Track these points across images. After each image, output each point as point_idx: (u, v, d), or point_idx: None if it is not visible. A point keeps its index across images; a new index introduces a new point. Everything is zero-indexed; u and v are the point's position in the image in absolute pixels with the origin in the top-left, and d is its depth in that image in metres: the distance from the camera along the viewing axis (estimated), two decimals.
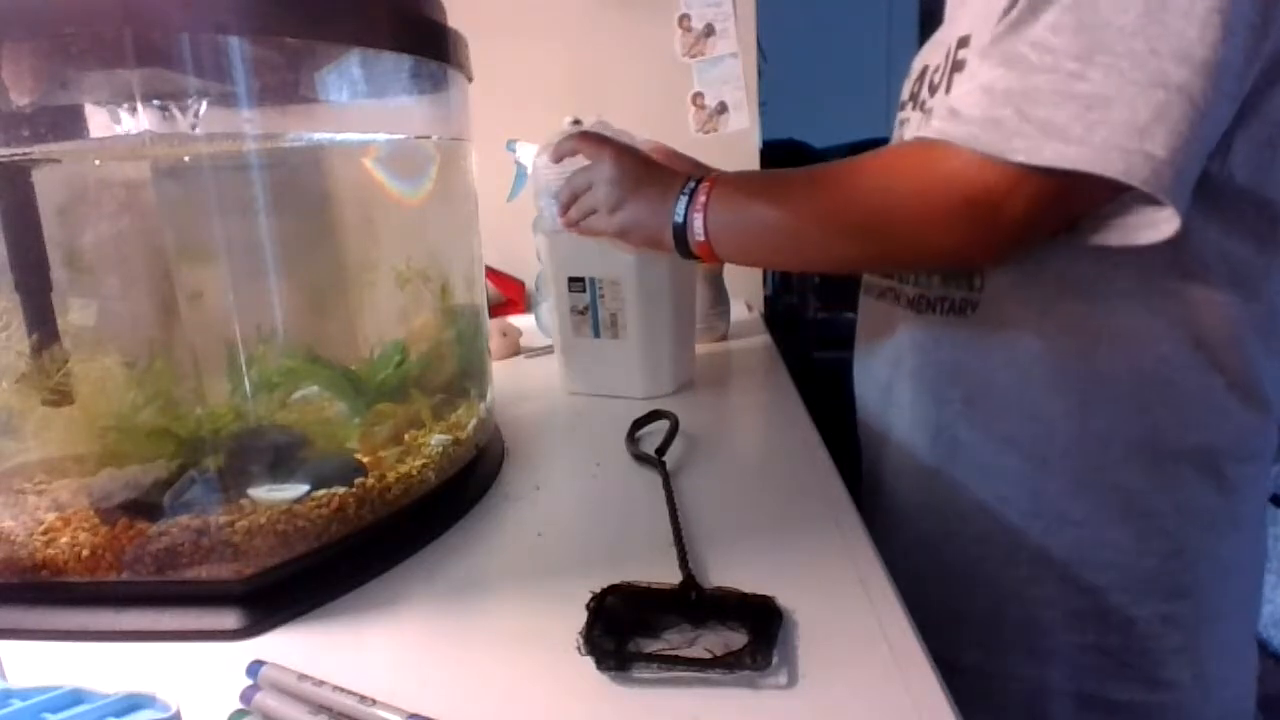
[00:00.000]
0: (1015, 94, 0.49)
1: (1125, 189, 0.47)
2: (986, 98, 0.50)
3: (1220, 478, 0.57)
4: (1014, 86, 0.49)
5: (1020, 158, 0.48)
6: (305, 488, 0.48)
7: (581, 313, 0.81)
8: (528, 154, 1.09)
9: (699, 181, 0.64)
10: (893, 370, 0.69)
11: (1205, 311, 0.54)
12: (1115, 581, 0.59)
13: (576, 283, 0.80)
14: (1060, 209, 0.52)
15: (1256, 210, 0.52)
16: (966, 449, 0.62)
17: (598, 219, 0.70)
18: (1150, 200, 0.48)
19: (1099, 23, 0.47)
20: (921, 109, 0.65)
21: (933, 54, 0.66)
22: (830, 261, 0.68)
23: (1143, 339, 0.55)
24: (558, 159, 0.74)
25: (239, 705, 0.37)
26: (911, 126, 0.67)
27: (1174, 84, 0.45)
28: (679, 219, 0.63)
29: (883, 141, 0.83)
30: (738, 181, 0.64)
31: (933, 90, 0.63)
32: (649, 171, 0.68)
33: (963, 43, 0.59)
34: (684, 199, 0.64)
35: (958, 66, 0.59)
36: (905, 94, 0.70)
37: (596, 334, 0.81)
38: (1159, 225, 0.49)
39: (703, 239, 0.63)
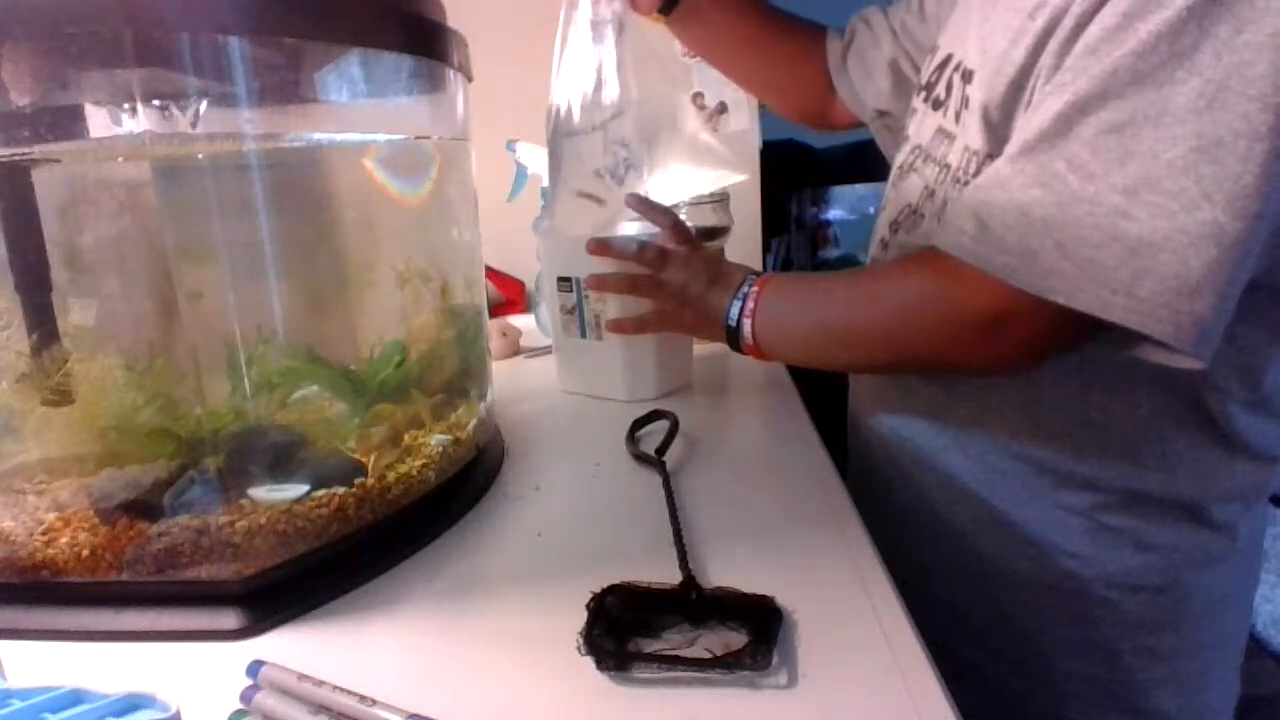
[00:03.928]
0: (1054, 226, 0.46)
1: None
2: (1023, 223, 0.47)
3: (1213, 520, 0.57)
4: (1052, 216, 0.46)
5: (1059, 299, 0.46)
6: (305, 488, 0.48)
7: (570, 312, 0.81)
8: (528, 154, 1.09)
9: (750, 284, 0.65)
10: (886, 386, 0.69)
11: (1199, 378, 0.53)
12: (1105, 615, 0.58)
13: (564, 282, 0.80)
14: (1084, 332, 0.50)
15: (1271, 299, 0.51)
16: (958, 474, 0.62)
17: (664, 316, 0.72)
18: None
19: (1145, 152, 0.43)
20: (942, 112, 0.62)
21: (951, 41, 0.63)
22: (867, 369, 0.70)
23: (1134, 391, 0.54)
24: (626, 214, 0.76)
25: (239, 705, 0.37)
26: (919, 122, 0.65)
27: (1228, 239, 0.42)
28: (732, 323, 0.65)
29: None
30: (783, 287, 0.65)
31: (953, 113, 0.60)
32: (716, 270, 0.69)
33: (967, 77, 0.57)
34: (737, 303, 0.65)
35: (966, 103, 0.57)
36: (925, 77, 0.67)
37: (583, 334, 0.81)
38: (1178, 360, 0.46)
39: (751, 343, 0.64)
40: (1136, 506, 0.57)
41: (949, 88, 0.62)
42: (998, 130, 0.53)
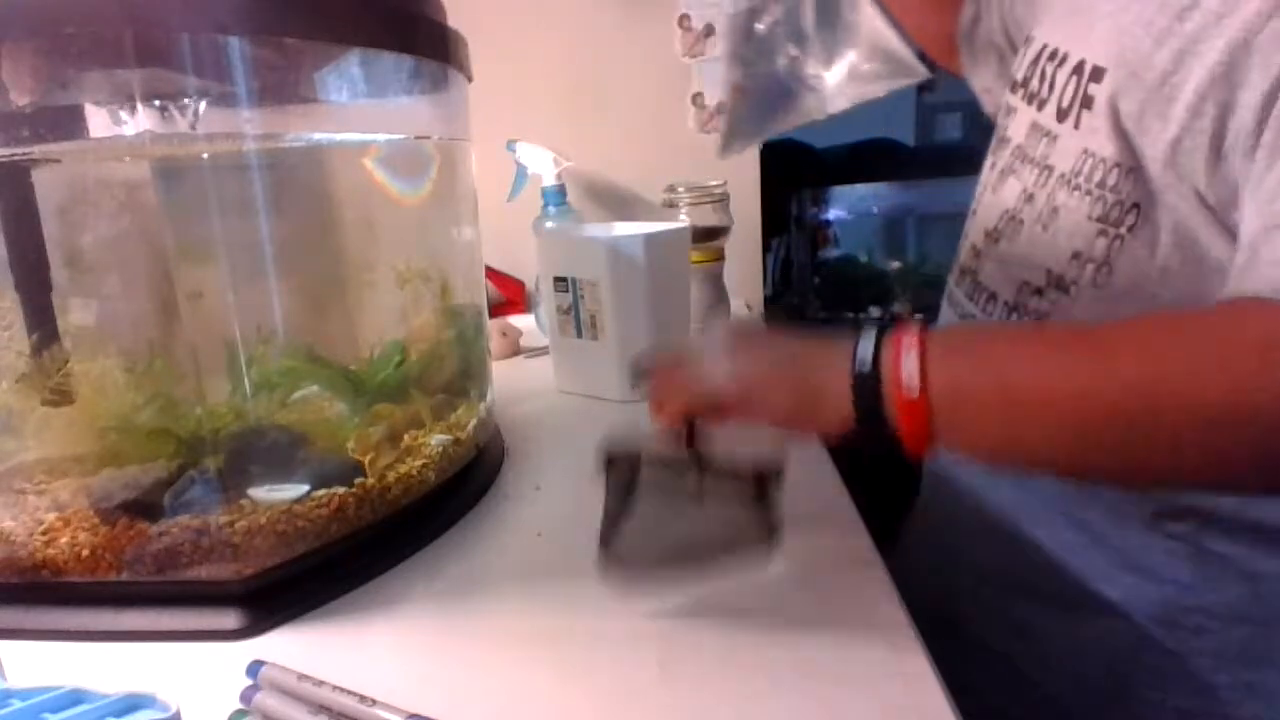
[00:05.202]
0: None
1: None
2: None
3: None
4: None
5: None
6: (305, 488, 0.48)
7: (566, 312, 0.81)
8: (528, 154, 1.10)
9: (883, 326, 0.43)
10: None
11: None
12: (1204, 646, 0.56)
13: (560, 282, 0.80)
14: None
15: None
16: (1046, 493, 0.58)
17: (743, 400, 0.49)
18: None
19: None
20: (1037, 106, 0.58)
21: (1053, 33, 0.58)
22: (1157, 476, 0.44)
23: None
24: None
25: (239, 705, 0.37)
26: (1018, 121, 0.61)
27: None
28: (865, 365, 0.41)
29: (885, 142, 0.82)
30: (966, 330, 0.46)
31: (1054, 109, 0.56)
32: (794, 339, 0.47)
33: (1095, 75, 0.52)
34: (866, 339, 0.42)
35: (1087, 102, 0.53)
36: (1020, 72, 0.62)
37: (579, 334, 0.81)
38: None
39: (916, 394, 0.39)
40: (1243, 533, 0.54)
41: (1046, 80, 0.57)
42: (1132, 139, 0.49)
